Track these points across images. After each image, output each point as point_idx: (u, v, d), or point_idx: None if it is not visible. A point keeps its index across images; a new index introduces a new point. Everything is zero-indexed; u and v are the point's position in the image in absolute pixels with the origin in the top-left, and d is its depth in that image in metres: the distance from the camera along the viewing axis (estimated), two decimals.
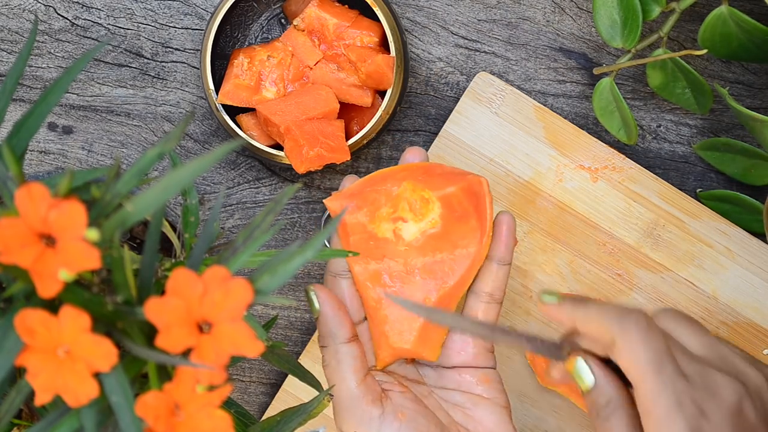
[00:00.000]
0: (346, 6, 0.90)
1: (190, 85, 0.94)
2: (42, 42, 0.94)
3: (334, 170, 0.94)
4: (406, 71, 0.89)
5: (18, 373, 0.60)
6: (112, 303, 0.58)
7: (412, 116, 0.94)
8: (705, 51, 0.87)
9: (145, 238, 0.60)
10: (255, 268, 0.60)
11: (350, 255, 0.74)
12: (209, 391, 0.57)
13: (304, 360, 0.92)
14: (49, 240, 0.55)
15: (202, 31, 0.94)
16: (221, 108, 0.89)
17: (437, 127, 0.94)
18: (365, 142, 0.89)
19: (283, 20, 0.93)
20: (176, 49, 0.94)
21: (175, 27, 0.94)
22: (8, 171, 0.58)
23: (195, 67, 0.94)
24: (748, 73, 0.94)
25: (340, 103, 0.88)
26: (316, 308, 0.79)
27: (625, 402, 0.72)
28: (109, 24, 0.94)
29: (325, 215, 0.93)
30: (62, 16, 0.94)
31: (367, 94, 0.89)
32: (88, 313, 0.55)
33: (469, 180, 0.80)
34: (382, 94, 0.89)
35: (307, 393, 0.91)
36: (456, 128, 0.92)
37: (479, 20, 0.94)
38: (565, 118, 0.93)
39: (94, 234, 0.55)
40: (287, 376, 0.93)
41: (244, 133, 0.89)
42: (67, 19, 0.94)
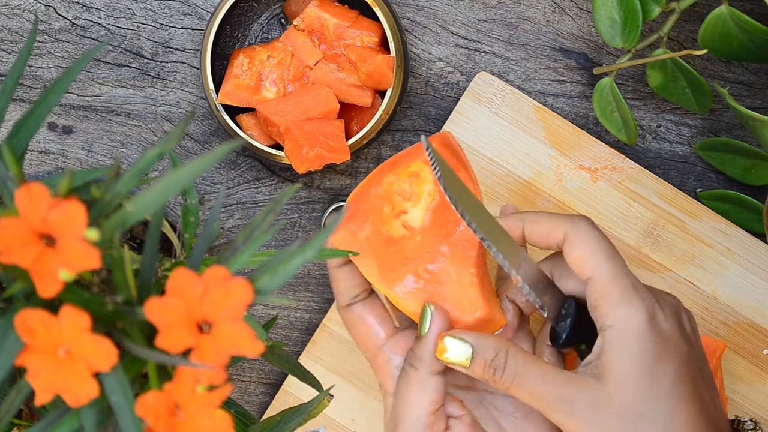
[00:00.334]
0: (346, 6, 0.90)
1: (190, 85, 0.94)
2: (42, 42, 0.94)
3: (334, 170, 0.94)
4: (406, 71, 0.89)
5: (18, 373, 0.60)
6: (112, 303, 0.58)
7: (412, 116, 0.94)
8: (705, 51, 0.87)
9: (145, 238, 0.60)
10: (255, 268, 0.60)
11: (350, 255, 0.74)
12: (209, 391, 0.57)
13: (304, 360, 0.92)
14: (49, 240, 0.55)
15: (202, 31, 0.94)
16: (221, 108, 0.89)
17: (437, 127, 0.94)
18: (365, 142, 0.89)
19: (283, 20, 0.93)
20: (176, 49, 0.94)
21: (175, 27, 0.94)
22: (8, 171, 0.58)
23: (195, 67, 0.94)
24: (748, 73, 0.94)
25: (340, 103, 0.88)
26: (425, 329, 0.77)
27: (510, 343, 0.76)
28: (109, 24, 0.94)
29: (326, 216, 0.93)
30: (62, 16, 0.94)
31: (367, 94, 0.89)
32: (88, 313, 0.55)
33: (439, 138, 0.80)
34: (382, 94, 0.89)
35: (307, 393, 0.91)
36: (456, 128, 0.92)
37: (479, 20, 0.94)
38: (565, 118, 0.93)
39: (94, 234, 0.55)
40: (287, 376, 0.93)
41: (244, 133, 0.89)
42: (67, 19, 0.94)
